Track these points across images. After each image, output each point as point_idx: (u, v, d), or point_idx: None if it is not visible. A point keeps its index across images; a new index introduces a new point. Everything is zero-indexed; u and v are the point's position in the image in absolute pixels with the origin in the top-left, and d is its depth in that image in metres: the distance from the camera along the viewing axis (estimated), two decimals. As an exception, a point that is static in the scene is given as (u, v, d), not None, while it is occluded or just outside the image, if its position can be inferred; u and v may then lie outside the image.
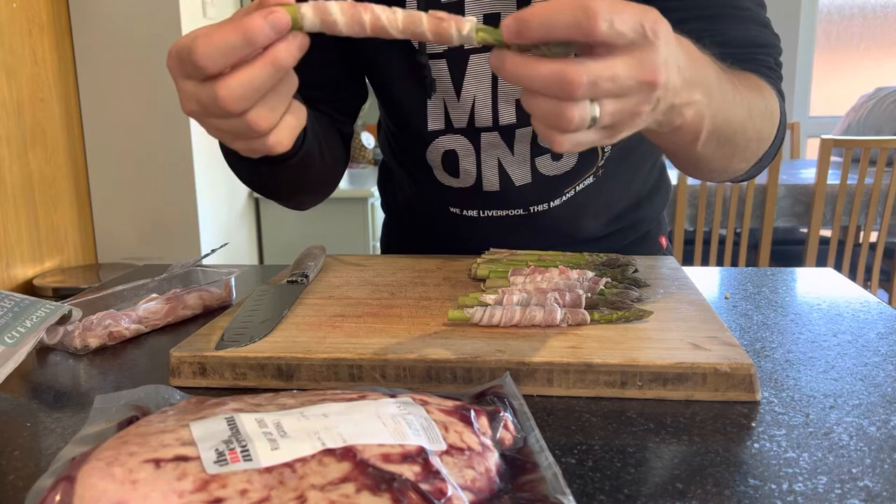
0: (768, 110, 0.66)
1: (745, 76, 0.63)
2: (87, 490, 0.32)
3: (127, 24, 2.22)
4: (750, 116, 0.61)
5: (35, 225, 2.09)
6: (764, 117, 0.65)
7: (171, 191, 2.33)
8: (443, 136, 0.83)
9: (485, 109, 0.79)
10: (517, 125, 0.80)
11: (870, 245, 2.43)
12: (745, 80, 0.62)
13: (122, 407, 0.43)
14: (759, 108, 0.64)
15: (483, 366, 0.54)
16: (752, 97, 0.62)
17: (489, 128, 0.81)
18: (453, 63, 0.78)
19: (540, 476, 0.38)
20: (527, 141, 0.82)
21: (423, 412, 0.40)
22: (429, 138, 0.84)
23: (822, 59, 3.93)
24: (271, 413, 0.38)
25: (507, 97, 0.79)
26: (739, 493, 0.40)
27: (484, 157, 0.83)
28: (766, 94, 0.67)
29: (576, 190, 0.86)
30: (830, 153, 2.34)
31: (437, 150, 0.84)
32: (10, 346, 0.58)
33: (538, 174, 0.84)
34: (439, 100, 0.81)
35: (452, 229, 0.91)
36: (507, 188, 0.84)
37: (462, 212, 0.89)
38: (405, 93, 0.82)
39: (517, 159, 0.83)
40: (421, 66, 0.78)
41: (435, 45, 0.76)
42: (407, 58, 0.79)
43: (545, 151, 0.82)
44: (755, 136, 0.64)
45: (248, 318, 0.64)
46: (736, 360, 0.52)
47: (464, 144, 0.83)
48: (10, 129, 1.98)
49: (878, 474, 0.42)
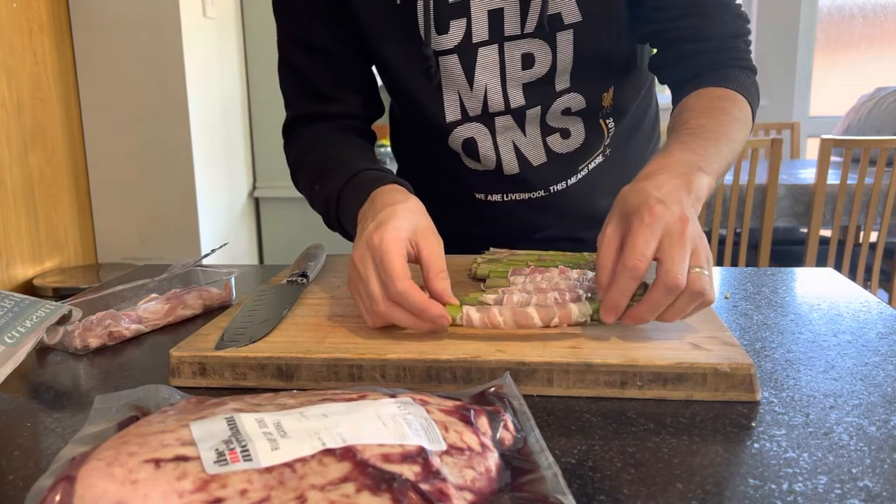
0: (744, 124, 0.75)
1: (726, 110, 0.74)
2: (87, 490, 0.32)
3: (127, 24, 2.22)
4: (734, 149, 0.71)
5: (35, 225, 2.09)
6: (743, 133, 0.74)
7: (171, 191, 2.33)
8: (460, 126, 0.88)
9: (496, 95, 0.84)
10: (526, 106, 0.85)
11: (870, 245, 2.42)
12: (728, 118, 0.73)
13: (122, 407, 0.43)
14: (739, 133, 0.73)
15: (483, 366, 0.54)
16: (734, 130, 0.72)
17: (502, 111, 0.86)
18: (464, 57, 0.82)
19: (540, 476, 0.38)
20: (536, 122, 0.87)
21: (423, 412, 0.40)
22: (448, 129, 0.88)
23: (822, 59, 3.93)
24: (271, 413, 0.38)
25: (515, 82, 0.84)
26: (739, 493, 0.40)
27: (500, 141, 0.88)
28: (740, 106, 0.76)
29: (588, 168, 0.93)
30: (830, 153, 2.34)
31: (457, 138, 0.89)
32: (10, 346, 0.58)
33: (552, 153, 0.90)
34: (453, 91, 0.85)
35: (479, 216, 0.96)
36: (526, 170, 0.91)
37: (487, 197, 0.94)
38: (420, 88, 0.86)
39: (530, 140, 0.88)
40: (426, 58, 0.81)
41: (445, 41, 0.81)
42: (417, 55, 0.82)
43: (554, 130, 0.88)
44: (738, 150, 0.73)
45: (248, 318, 0.64)
46: (736, 360, 0.52)
47: (480, 130, 0.88)
48: (10, 129, 1.98)
49: (878, 474, 0.42)
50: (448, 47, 0.82)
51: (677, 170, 0.62)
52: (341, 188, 0.74)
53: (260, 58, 2.74)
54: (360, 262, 0.59)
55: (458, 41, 0.81)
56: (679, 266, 0.53)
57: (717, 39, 0.81)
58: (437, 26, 0.80)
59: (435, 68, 0.82)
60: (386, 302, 0.57)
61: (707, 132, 0.69)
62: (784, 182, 2.48)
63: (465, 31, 0.80)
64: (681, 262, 0.54)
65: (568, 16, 0.79)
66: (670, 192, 0.57)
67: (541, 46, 0.81)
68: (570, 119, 0.88)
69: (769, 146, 2.31)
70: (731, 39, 0.82)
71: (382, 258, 0.57)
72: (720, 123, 0.71)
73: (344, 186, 0.74)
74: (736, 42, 0.82)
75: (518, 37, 0.80)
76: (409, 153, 1.04)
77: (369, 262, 0.59)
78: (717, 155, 0.67)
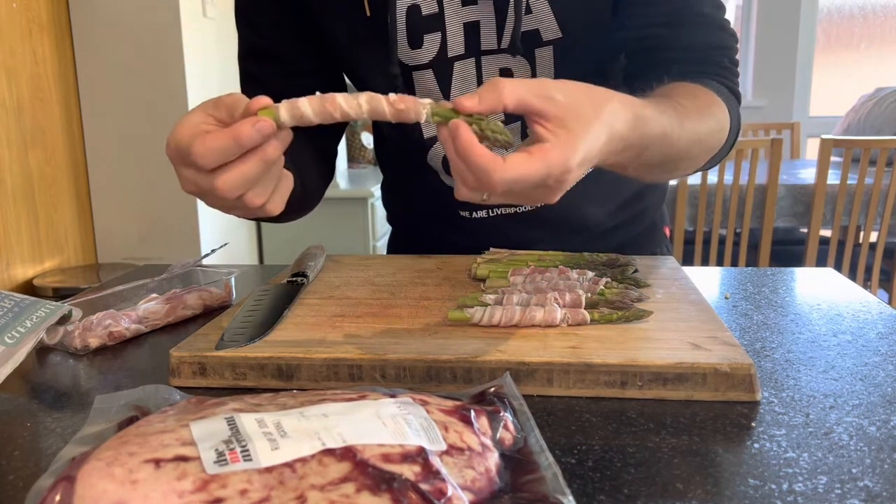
0: (717, 127, 0.70)
1: (696, 104, 0.68)
2: (87, 490, 0.32)
3: (127, 24, 2.22)
4: (697, 141, 0.67)
5: (35, 225, 2.09)
6: (711, 135, 0.70)
7: (171, 191, 2.33)
8: (438, 143, 0.84)
9: None
10: (505, 122, 0.81)
11: (870, 245, 2.42)
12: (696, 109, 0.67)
13: (122, 407, 0.43)
14: (707, 129, 0.68)
15: (483, 366, 0.54)
16: (701, 124, 0.67)
17: None
18: (439, 71, 0.79)
19: (540, 476, 0.38)
20: (518, 134, 0.83)
21: (423, 412, 0.40)
22: (427, 145, 0.85)
23: (822, 59, 3.94)
24: (271, 413, 0.38)
25: None
26: (739, 493, 0.40)
27: None
28: (715, 111, 0.70)
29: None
30: (830, 153, 2.34)
31: (436, 155, 0.86)
32: (10, 346, 0.58)
33: None
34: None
35: (467, 232, 0.92)
36: None
37: (472, 214, 0.90)
38: None
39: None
40: (393, 77, 0.78)
41: (419, 55, 0.78)
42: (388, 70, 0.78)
43: None
44: (701, 151, 0.69)
45: (248, 318, 0.64)
46: (736, 360, 0.52)
47: None
48: (10, 129, 1.98)
49: (878, 474, 0.42)
50: (422, 62, 0.78)
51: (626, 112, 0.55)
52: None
53: (260, 58, 2.73)
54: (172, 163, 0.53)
55: (432, 56, 0.78)
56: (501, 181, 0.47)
57: (695, 50, 0.75)
58: (411, 40, 0.77)
59: (402, 87, 0.79)
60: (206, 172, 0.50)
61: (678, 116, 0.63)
62: (784, 182, 2.48)
63: (439, 45, 0.77)
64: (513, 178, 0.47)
65: (546, 32, 0.75)
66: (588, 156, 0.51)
67: (519, 63, 0.78)
68: None
69: (769, 146, 2.32)
70: (712, 50, 0.76)
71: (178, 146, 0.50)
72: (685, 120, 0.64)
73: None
74: (717, 54, 0.76)
75: (495, 51, 0.77)
76: (393, 168, 1.00)
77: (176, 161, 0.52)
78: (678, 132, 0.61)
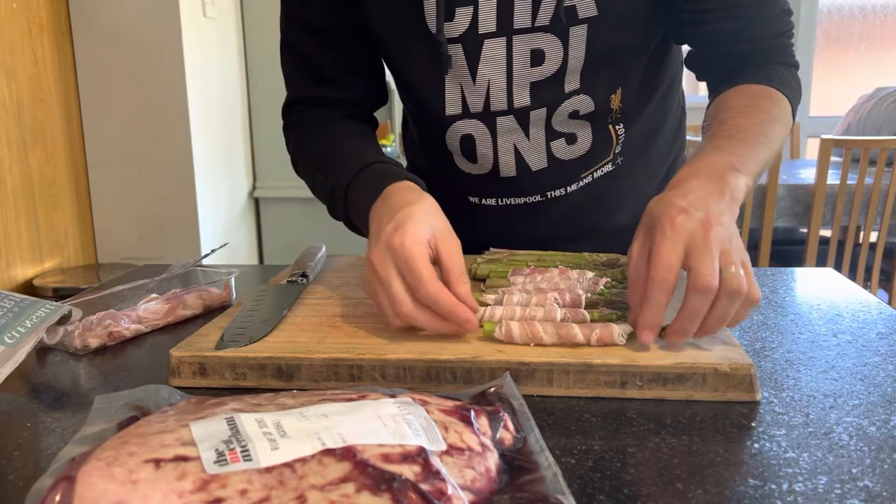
0: (784, 123, 0.74)
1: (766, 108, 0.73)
2: (87, 490, 0.32)
3: (127, 24, 2.22)
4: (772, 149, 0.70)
5: (35, 225, 2.09)
6: (783, 133, 0.74)
7: (171, 191, 2.33)
8: (459, 121, 0.85)
9: (499, 93, 0.81)
10: (531, 107, 0.81)
11: (870, 245, 2.42)
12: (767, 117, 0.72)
13: (122, 407, 0.43)
14: (780, 132, 0.73)
15: (483, 366, 0.54)
16: (773, 130, 0.71)
17: (504, 111, 0.82)
18: (469, 47, 0.79)
19: (540, 476, 0.38)
20: (541, 124, 0.83)
21: (423, 412, 0.40)
22: (447, 123, 0.85)
23: (822, 59, 3.93)
24: (271, 413, 0.38)
25: (522, 81, 0.80)
26: (739, 493, 0.40)
27: (500, 142, 0.85)
28: (781, 105, 0.75)
29: (594, 176, 0.88)
30: (830, 153, 2.34)
31: (455, 134, 0.86)
32: (10, 346, 0.58)
33: (554, 158, 0.86)
34: (456, 84, 0.82)
35: (472, 221, 0.92)
36: (524, 173, 0.87)
37: (481, 201, 0.92)
38: (422, 75, 0.83)
39: (533, 144, 0.85)
40: (438, 44, 0.78)
41: (450, 29, 0.78)
42: (424, 39, 0.79)
43: (560, 135, 0.84)
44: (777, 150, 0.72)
45: (248, 318, 0.64)
46: (736, 360, 0.52)
47: (480, 129, 0.84)
48: (10, 130, 1.98)
49: (878, 474, 0.42)
50: (453, 36, 0.78)
51: (709, 173, 0.60)
52: (349, 182, 0.73)
53: (260, 58, 2.74)
54: (381, 265, 0.59)
55: (463, 30, 0.77)
56: (707, 267, 0.52)
57: (760, 41, 0.79)
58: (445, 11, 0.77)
59: (446, 55, 0.79)
60: (413, 304, 0.57)
61: (744, 132, 0.68)
62: (784, 182, 2.48)
63: (471, 19, 0.77)
64: (709, 263, 0.52)
65: (583, 9, 0.75)
66: (696, 200, 0.56)
67: (552, 42, 0.77)
68: (578, 123, 0.83)
69: (769, 146, 2.31)
70: (775, 38, 0.79)
71: (407, 261, 0.57)
72: (758, 122, 0.70)
73: (352, 181, 0.73)
74: (779, 40, 0.80)
75: (528, 30, 0.76)
76: (413, 151, 1.01)
77: (390, 265, 0.58)
78: (752, 155, 0.65)
